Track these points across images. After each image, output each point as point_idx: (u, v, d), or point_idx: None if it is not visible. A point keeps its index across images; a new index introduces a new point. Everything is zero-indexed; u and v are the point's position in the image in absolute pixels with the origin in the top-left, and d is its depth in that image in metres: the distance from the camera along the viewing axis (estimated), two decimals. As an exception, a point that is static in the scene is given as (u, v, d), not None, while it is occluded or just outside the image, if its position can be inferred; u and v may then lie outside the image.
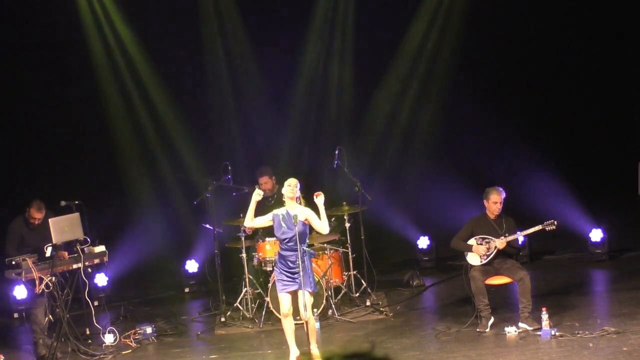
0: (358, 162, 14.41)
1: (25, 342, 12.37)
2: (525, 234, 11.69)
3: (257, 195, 10.70)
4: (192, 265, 14.53)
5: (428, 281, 13.91)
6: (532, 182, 15.07)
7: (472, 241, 11.51)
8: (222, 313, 12.72)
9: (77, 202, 11.90)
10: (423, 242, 14.84)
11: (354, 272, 12.91)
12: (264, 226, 11.03)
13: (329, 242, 12.60)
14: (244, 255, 12.60)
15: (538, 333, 10.98)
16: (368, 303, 12.64)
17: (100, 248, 12.10)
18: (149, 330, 12.29)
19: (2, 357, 11.28)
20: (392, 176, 15.87)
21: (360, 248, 12.83)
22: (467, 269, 11.55)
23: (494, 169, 14.93)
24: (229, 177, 12.83)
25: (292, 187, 10.62)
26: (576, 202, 14.43)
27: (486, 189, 11.63)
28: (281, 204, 10.75)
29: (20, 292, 13.30)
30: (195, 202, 13.11)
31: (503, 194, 11.53)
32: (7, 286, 13.30)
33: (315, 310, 11.80)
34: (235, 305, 12.67)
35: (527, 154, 15.47)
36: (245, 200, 11.65)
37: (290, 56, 15.57)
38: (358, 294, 12.91)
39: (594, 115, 15.75)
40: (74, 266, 11.80)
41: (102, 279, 13.94)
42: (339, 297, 12.66)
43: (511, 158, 15.46)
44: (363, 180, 13.18)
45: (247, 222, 10.89)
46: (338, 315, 12.34)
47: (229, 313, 12.68)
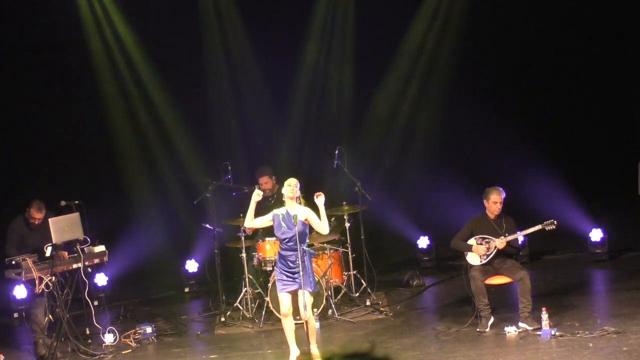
0: (358, 162, 14.39)
1: (25, 342, 12.35)
2: (525, 233, 11.68)
3: (257, 196, 10.70)
4: (192, 265, 14.53)
5: (428, 281, 13.90)
6: (532, 182, 15.06)
7: (472, 241, 11.51)
8: (222, 313, 12.72)
9: (77, 202, 11.91)
10: (423, 242, 14.83)
11: (354, 272, 12.90)
12: (264, 226, 11.03)
13: (329, 242, 12.60)
14: (244, 255, 12.60)
15: (538, 333, 10.97)
16: (368, 303, 12.64)
17: (100, 248, 12.11)
18: (149, 330, 12.29)
19: (2, 357, 11.28)
20: (392, 176, 15.86)
21: (360, 248, 12.82)
22: (467, 269, 11.54)
23: (493, 169, 14.90)
24: (229, 177, 12.83)
25: (292, 186, 10.62)
26: (576, 202, 14.42)
27: (486, 189, 11.63)
28: (281, 203, 10.74)
29: (20, 291, 13.28)
30: (196, 202, 13.11)
31: (503, 194, 11.52)
32: (7, 286, 13.29)
33: (315, 310, 11.79)
34: (235, 305, 12.67)
35: (527, 154, 15.46)
36: (245, 200, 11.64)
37: (290, 56, 15.57)
38: (358, 293, 12.91)
39: (594, 115, 15.74)
40: (74, 266, 11.80)
41: (102, 278, 13.94)
42: (339, 297, 12.66)
43: (511, 158, 15.44)
44: (363, 180, 13.18)
45: (248, 223, 10.89)
46: (338, 315, 12.34)
47: (229, 313, 12.68)
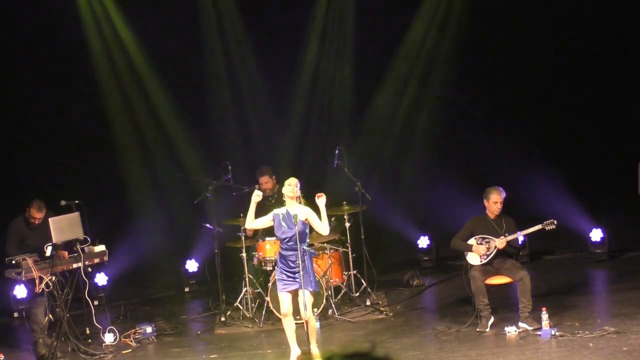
0: (358, 162, 14.39)
1: (25, 341, 12.34)
2: (525, 233, 11.68)
3: (257, 197, 10.68)
4: (192, 265, 14.52)
5: (428, 281, 13.90)
6: (532, 182, 15.06)
7: (472, 241, 11.51)
8: (222, 313, 12.71)
9: (77, 202, 11.91)
10: (423, 242, 14.82)
11: (354, 271, 12.90)
12: (265, 227, 11.02)
13: (329, 242, 12.59)
14: (244, 254, 12.60)
15: (538, 333, 10.97)
16: (368, 303, 12.64)
17: (100, 247, 12.10)
18: (149, 329, 12.28)
19: (2, 356, 11.28)
20: (392, 176, 15.86)
21: (360, 248, 12.82)
22: (467, 269, 11.54)
23: (494, 169, 14.91)
24: (229, 177, 12.83)
25: (292, 186, 10.61)
26: (576, 202, 14.42)
27: (486, 188, 11.63)
28: (281, 203, 10.73)
29: (20, 291, 13.29)
30: (196, 202, 13.11)
31: (503, 194, 11.52)
32: (7, 285, 13.30)
33: (315, 309, 11.78)
34: (235, 304, 12.67)
35: (527, 153, 15.47)
36: (245, 200, 11.64)
37: (290, 56, 15.57)
38: (358, 293, 12.91)
39: (594, 115, 15.74)
40: (74, 265, 11.80)
41: (102, 278, 13.93)
42: (339, 296, 12.66)
43: (511, 158, 15.43)
44: (363, 180, 13.17)
45: (248, 224, 10.88)
46: (338, 315, 12.34)
47: (229, 313, 12.68)
